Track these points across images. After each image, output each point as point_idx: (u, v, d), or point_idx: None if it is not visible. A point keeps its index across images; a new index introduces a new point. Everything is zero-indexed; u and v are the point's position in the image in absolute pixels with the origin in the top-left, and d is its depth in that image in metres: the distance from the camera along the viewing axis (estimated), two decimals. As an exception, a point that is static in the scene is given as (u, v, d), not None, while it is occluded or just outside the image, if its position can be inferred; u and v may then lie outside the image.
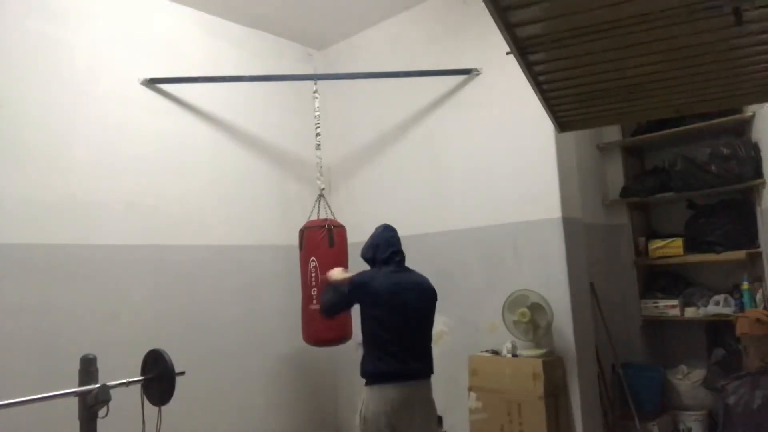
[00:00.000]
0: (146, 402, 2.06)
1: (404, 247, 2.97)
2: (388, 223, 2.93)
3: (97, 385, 1.88)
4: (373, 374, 2.62)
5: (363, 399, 2.61)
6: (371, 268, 2.83)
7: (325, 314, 2.83)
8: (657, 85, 1.96)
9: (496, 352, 3.33)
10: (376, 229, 2.91)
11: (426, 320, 2.77)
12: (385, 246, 2.79)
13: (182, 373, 2.06)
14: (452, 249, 3.75)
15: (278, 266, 4.04)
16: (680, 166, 3.92)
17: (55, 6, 3.18)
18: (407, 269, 2.82)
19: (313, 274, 3.43)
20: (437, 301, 2.84)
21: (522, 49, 1.59)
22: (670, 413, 3.93)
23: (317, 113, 3.80)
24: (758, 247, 3.67)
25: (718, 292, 3.91)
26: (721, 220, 3.87)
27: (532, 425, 3.02)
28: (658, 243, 4.12)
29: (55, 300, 2.99)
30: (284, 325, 3.95)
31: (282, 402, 3.99)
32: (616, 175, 4.39)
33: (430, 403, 2.71)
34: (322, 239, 3.44)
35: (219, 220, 3.79)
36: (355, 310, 3.54)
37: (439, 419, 3.71)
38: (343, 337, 3.48)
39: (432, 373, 2.74)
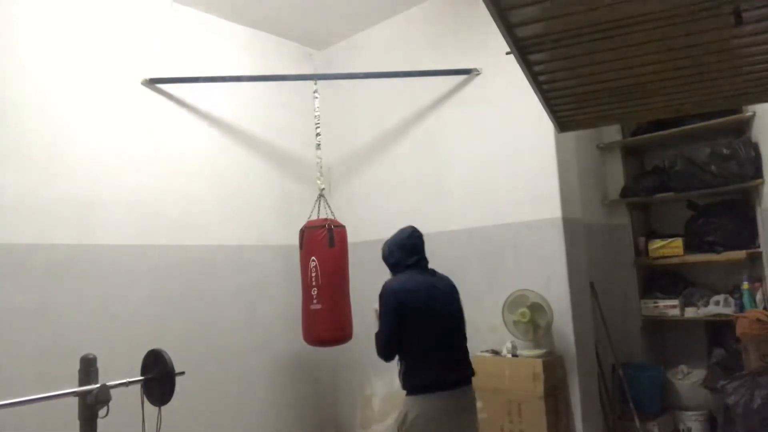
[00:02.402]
0: (146, 402, 2.06)
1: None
2: (413, 225, 2.79)
3: (97, 385, 1.88)
4: (418, 386, 2.51)
5: (404, 409, 2.52)
6: (393, 273, 2.70)
7: (385, 359, 2.61)
8: (657, 85, 1.96)
9: (496, 352, 3.33)
10: (401, 232, 2.76)
11: (461, 322, 2.69)
12: (410, 252, 2.67)
13: (182, 373, 2.05)
14: (452, 249, 3.74)
15: (278, 266, 4.04)
16: (680, 166, 3.92)
17: (55, 6, 3.18)
18: (432, 271, 2.72)
19: (314, 274, 3.43)
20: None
21: (522, 49, 1.59)
22: (670, 413, 3.93)
23: (317, 113, 3.80)
24: (758, 247, 3.67)
25: (718, 292, 3.90)
26: (721, 220, 3.87)
27: (532, 425, 3.02)
28: (658, 243, 4.12)
29: (55, 300, 2.99)
30: (284, 325, 3.95)
31: (282, 402, 3.99)
32: (616, 175, 4.39)
33: (474, 408, 2.64)
34: (322, 239, 3.44)
35: (219, 220, 3.79)
36: (356, 305, 3.57)
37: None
38: (343, 337, 3.48)
39: (471, 379, 2.65)
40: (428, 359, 2.52)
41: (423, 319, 2.53)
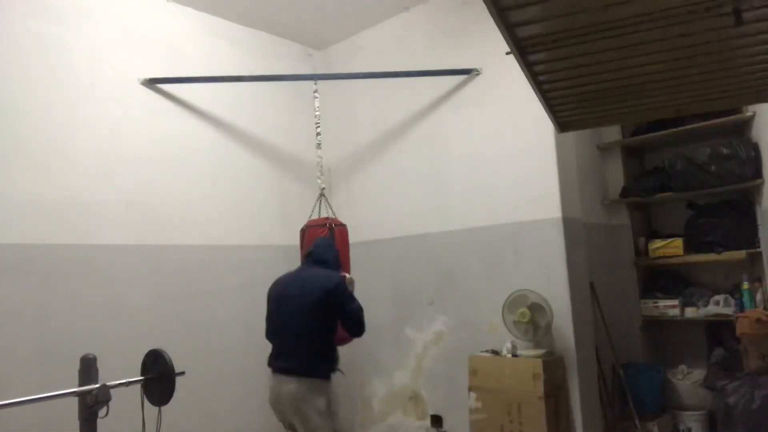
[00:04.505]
0: (146, 402, 2.06)
1: (404, 247, 2.94)
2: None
3: (97, 385, 1.88)
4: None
5: None
6: None
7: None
8: (657, 85, 1.96)
9: (496, 352, 3.33)
10: None
11: (301, 316, 2.71)
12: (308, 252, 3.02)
13: (182, 373, 2.06)
14: (452, 249, 3.75)
15: (278, 266, 4.00)
16: (680, 166, 3.91)
17: (55, 6, 3.18)
18: (314, 267, 2.88)
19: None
20: (335, 298, 2.77)
21: (522, 49, 1.59)
22: (670, 413, 3.93)
23: (317, 113, 3.80)
24: (758, 247, 3.67)
25: (718, 292, 3.90)
26: (721, 220, 3.87)
27: (532, 425, 3.02)
28: (658, 243, 4.12)
29: (55, 300, 2.99)
30: (284, 325, 3.95)
31: (282, 402, 3.99)
32: (616, 175, 4.39)
33: (298, 400, 2.65)
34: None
35: (219, 220, 3.79)
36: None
37: (439, 419, 3.72)
38: (340, 339, 3.46)
39: (300, 372, 2.68)
40: (271, 341, 2.89)
41: (270, 306, 2.91)
